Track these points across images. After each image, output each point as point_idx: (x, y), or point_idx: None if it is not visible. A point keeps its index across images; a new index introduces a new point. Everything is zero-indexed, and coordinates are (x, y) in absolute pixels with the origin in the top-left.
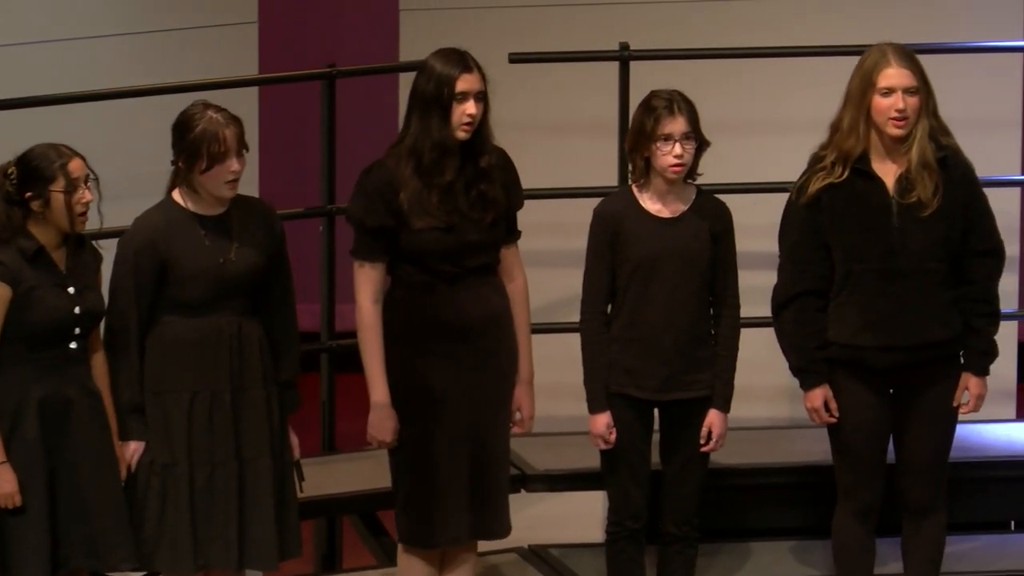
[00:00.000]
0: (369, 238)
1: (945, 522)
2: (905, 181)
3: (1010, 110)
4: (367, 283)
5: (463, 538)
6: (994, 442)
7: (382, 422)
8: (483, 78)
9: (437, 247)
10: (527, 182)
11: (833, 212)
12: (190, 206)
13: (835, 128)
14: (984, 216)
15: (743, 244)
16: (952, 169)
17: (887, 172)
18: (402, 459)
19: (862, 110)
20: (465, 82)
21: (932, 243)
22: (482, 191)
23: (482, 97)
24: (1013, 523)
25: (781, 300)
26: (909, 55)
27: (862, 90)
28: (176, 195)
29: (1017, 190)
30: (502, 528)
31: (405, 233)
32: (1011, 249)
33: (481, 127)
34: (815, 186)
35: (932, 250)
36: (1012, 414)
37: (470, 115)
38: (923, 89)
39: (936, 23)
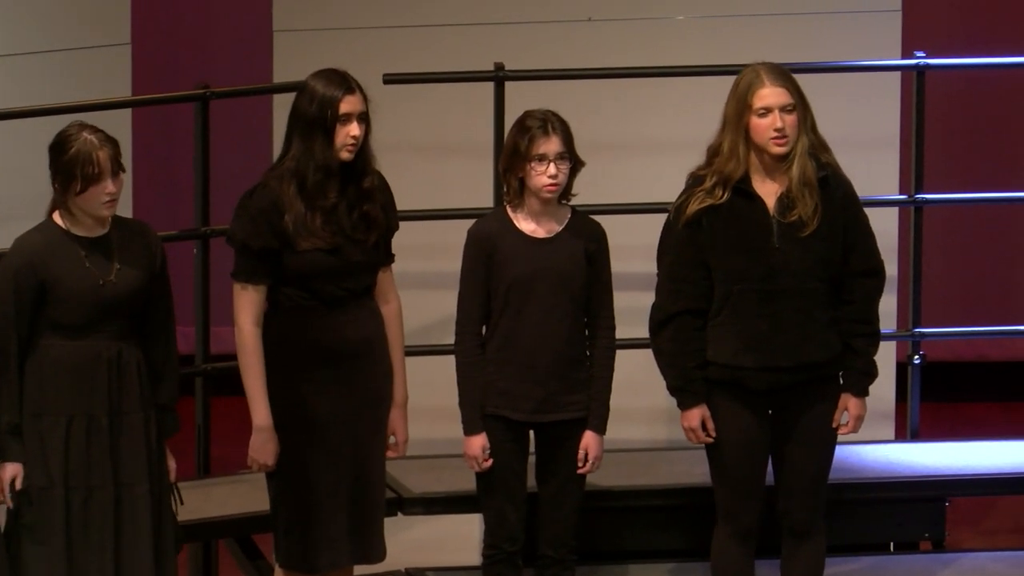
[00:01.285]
0: (253, 260)
1: (825, 544)
2: (786, 200)
3: (888, 130)
4: (249, 305)
5: (342, 562)
6: (873, 463)
7: (264, 445)
8: (365, 98)
9: (322, 268)
10: (402, 203)
11: (714, 233)
12: (70, 228)
13: (714, 152)
14: (865, 236)
15: (620, 265)
16: (833, 188)
17: (768, 192)
18: (281, 483)
19: (740, 132)
20: (348, 103)
21: (813, 263)
22: (365, 211)
23: (364, 118)
24: (893, 544)
25: (659, 319)
26: (783, 73)
27: (739, 112)
28: (56, 217)
29: (896, 210)
30: (379, 552)
31: (289, 255)
32: (891, 269)
33: (363, 148)
34: (694, 207)
35: (812, 270)
36: (891, 435)
37: (354, 136)
38: (800, 105)
39: (813, 42)
